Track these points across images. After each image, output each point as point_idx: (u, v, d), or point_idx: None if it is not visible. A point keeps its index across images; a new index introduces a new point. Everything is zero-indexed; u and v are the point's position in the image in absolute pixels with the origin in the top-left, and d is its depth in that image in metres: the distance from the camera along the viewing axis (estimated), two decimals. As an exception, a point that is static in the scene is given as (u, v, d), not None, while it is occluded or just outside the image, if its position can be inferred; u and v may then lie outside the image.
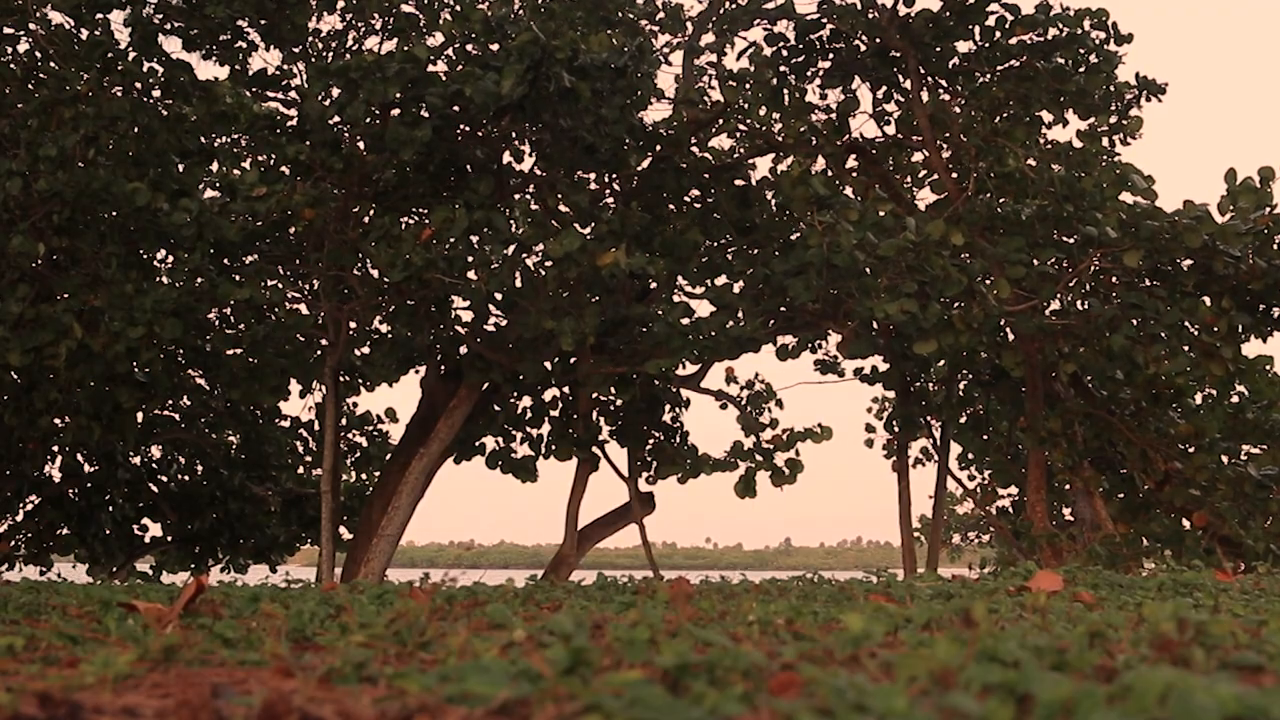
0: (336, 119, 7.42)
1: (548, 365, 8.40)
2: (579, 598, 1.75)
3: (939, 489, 10.28)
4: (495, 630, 1.20)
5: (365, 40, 9.18)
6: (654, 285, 8.62)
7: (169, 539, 10.47)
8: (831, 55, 8.58)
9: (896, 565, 11.26)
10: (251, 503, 10.48)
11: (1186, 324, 7.63)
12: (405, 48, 7.53)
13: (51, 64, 7.79)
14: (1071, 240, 7.69)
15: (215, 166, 8.28)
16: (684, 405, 9.41)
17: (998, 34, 8.11)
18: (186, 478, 10.64)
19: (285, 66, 8.83)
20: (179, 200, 7.34)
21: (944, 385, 9.91)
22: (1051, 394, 8.67)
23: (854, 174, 9.12)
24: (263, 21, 8.24)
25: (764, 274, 7.61)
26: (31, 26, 7.70)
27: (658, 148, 8.27)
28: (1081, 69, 8.13)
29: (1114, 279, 7.84)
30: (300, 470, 11.02)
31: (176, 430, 10.12)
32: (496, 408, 9.15)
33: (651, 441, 9.21)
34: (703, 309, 8.10)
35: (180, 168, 7.92)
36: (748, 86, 8.71)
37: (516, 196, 8.34)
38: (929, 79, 8.58)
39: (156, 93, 7.98)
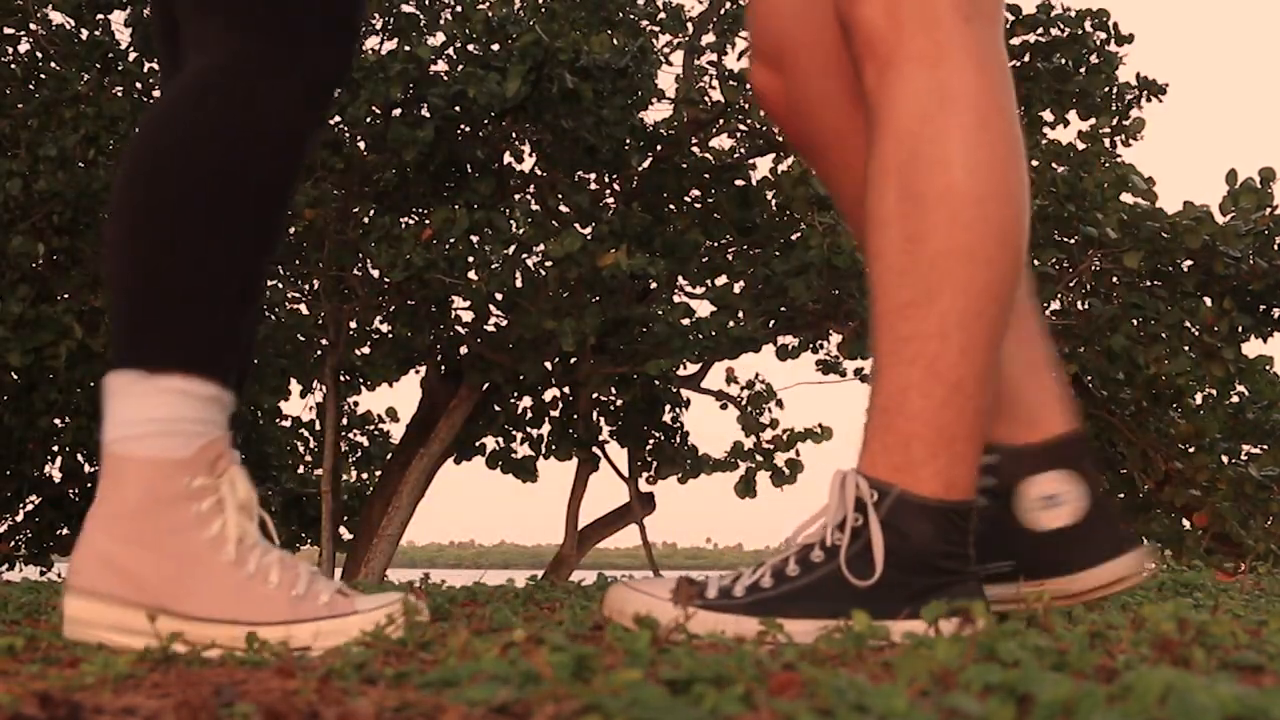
0: (337, 119, 7.42)
1: (548, 365, 8.40)
2: (579, 598, 1.75)
3: (939, 489, 10.28)
4: (495, 630, 1.20)
5: (366, 40, 9.19)
6: (654, 286, 8.62)
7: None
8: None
9: (897, 565, 11.24)
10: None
11: (1187, 325, 7.63)
12: (407, 48, 7.53)
13: (51, 64, 7.79)
14: (1072, 240, 7.69)
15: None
16: (684, 405, 9.41)
17: (998, 34, 8.11)
18: (187, 478, 10.62)
19: (286, 66, 8.84)
20: (179, 200, 7.33)
21: (944, 385, 9.90)
22: (1052, 394, 8.65)
23: (854, 174, 9.11)
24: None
25: (764, 274, 7.61)
26: (32, 26, 7.70)
27: (658, 148, 8.27)
28: (1083, 69, 8.13)
29: (1114, 279, 7.84)
30: (300, 470, 11.02)
31: (177, 430, 10.10)
32: (497, 408, 9.15)
33: (651, 441, 9.21)
34: (703, 309, 8.13)
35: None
36: (748, 86, 8.71)
37: (517, 197, 8.34)
38: (929, 79, 8.57)
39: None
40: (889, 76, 1.20)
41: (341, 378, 9.11)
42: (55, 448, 9.61)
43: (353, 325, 8.27)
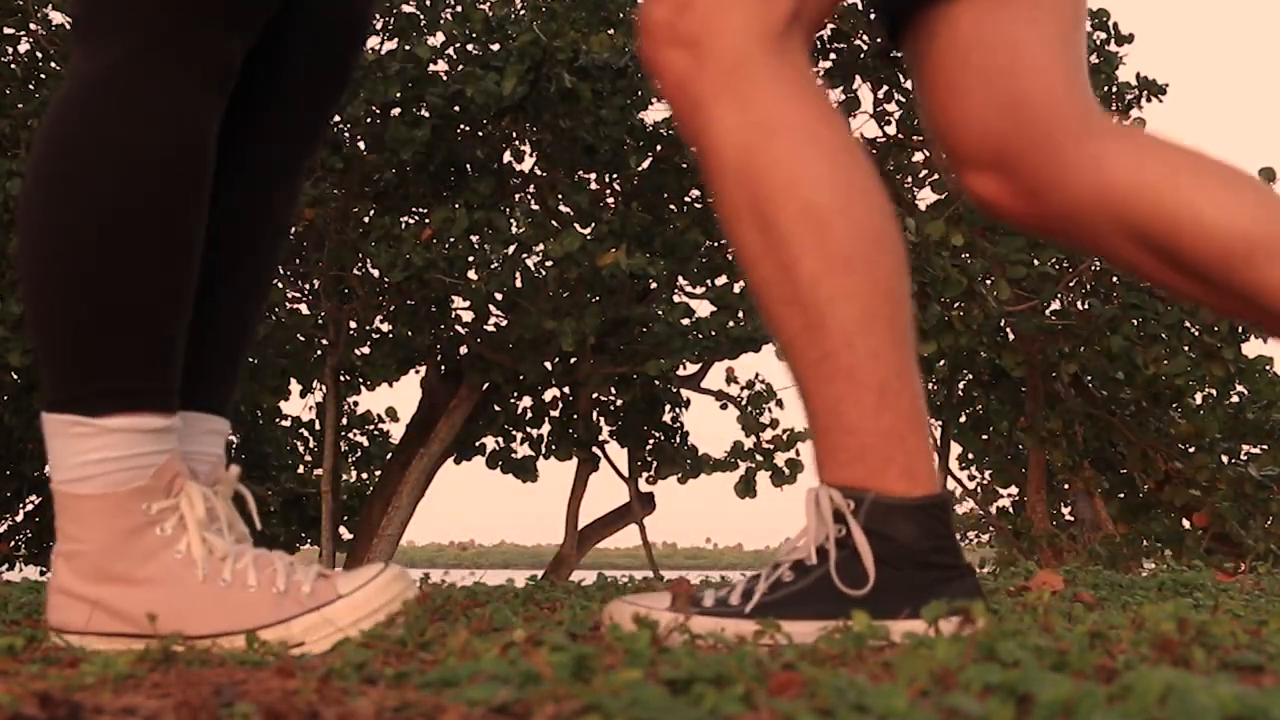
0: (337, 118, 7.43)
1: (548, 365, 8.40)
2: (579, 598, 1.75)
3: (939, 489, 10.28)
4: (495, 630, 1.20)
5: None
6: (654, 286, 8.62)
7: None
8: (833, 55, 8.58)
9: (897, 565, 11.24)
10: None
11: (1187, 325, 7.63)
12: (406, 47, 7.53)
13: (51, 64, 7.79)
14: (1072, 240, 7.69)
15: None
16: (684, 405, 9.41)
17: (998, 34, 8.11)
18: (187, 478, 10.63)
19: (285, 66, 8.84)
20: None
21: (944, 385, 9.91)
22: (1052, 394, 8.67)
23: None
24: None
25: (764, 274, 7.60)
26: (32, 26, 7.70)
27: (658, 148, 8.27)
28: (1082, 69, 8.13)
29: (1114, 279, 7.84)
30: (300, 470, 11.02)
31: (177, 430, 10.10)
32: (497, 408, 9.15)
33: (651, 441, 9.21)
34: (703, 309, 8.17)
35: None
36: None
37: (517, 197, 8.35)
38: (929, 79, 8.57)
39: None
40: (703, 118, 1.18)
41: (341, 378, 9.11)
42: (55, 448, 9.59)
43: (353, 325, 8.27)
